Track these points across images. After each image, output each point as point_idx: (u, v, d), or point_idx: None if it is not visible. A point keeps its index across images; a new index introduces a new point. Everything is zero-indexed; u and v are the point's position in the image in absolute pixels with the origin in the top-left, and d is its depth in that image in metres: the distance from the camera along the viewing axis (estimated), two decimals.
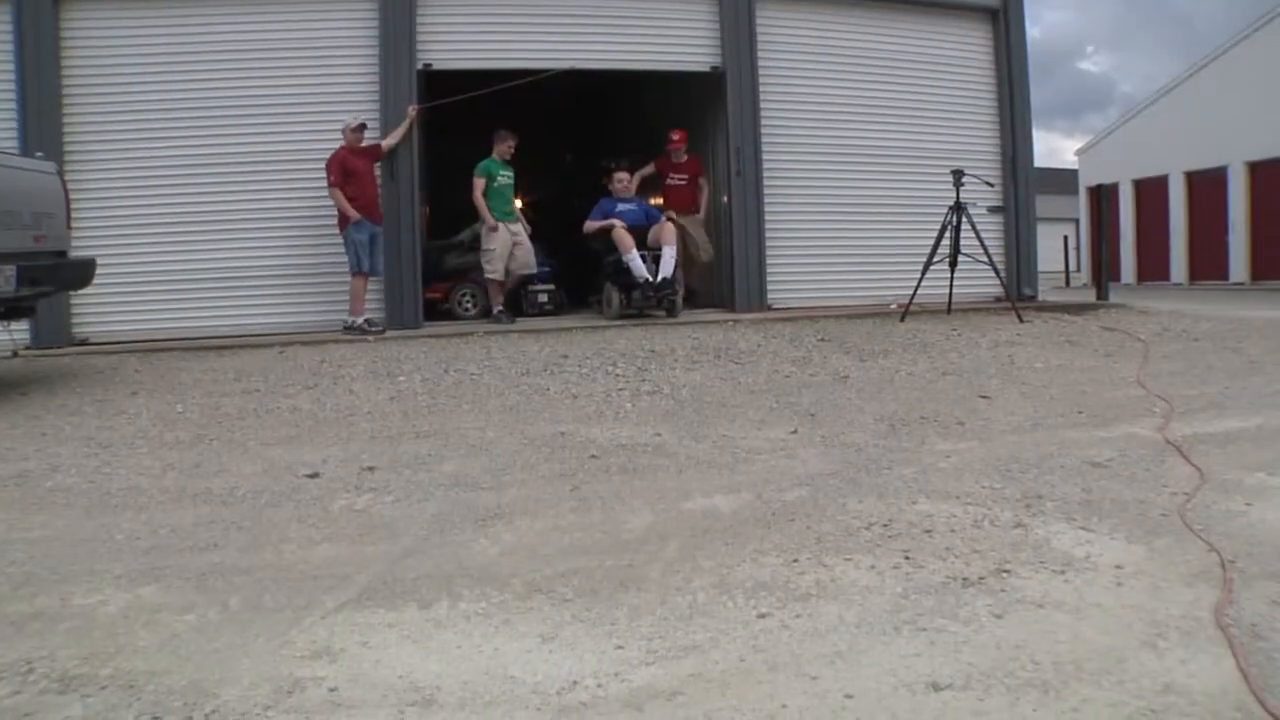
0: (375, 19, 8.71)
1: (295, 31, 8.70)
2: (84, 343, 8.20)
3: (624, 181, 9.49)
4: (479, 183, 8.94)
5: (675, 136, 9.64)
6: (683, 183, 9.74)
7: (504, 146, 9.11)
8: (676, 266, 9.06)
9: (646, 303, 8.88)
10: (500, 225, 9.00)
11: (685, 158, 9.75)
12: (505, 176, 9.13)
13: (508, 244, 9.08)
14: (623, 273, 8.90)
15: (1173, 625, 2.04)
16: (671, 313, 8.93)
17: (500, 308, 9.25)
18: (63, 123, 8.27)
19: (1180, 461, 3.50)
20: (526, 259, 9.28)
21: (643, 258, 8.78)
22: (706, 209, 9.86)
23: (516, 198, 9.48)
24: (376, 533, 2.91)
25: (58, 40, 8.30)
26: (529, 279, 10.55)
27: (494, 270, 9.09)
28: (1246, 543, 2.55)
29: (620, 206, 9.26)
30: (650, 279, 8.71)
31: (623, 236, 8.77)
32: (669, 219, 9.18)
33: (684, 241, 9.41)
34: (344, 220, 8.08)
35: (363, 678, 1.92)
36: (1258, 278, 17.91)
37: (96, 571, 2.60)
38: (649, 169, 9.89)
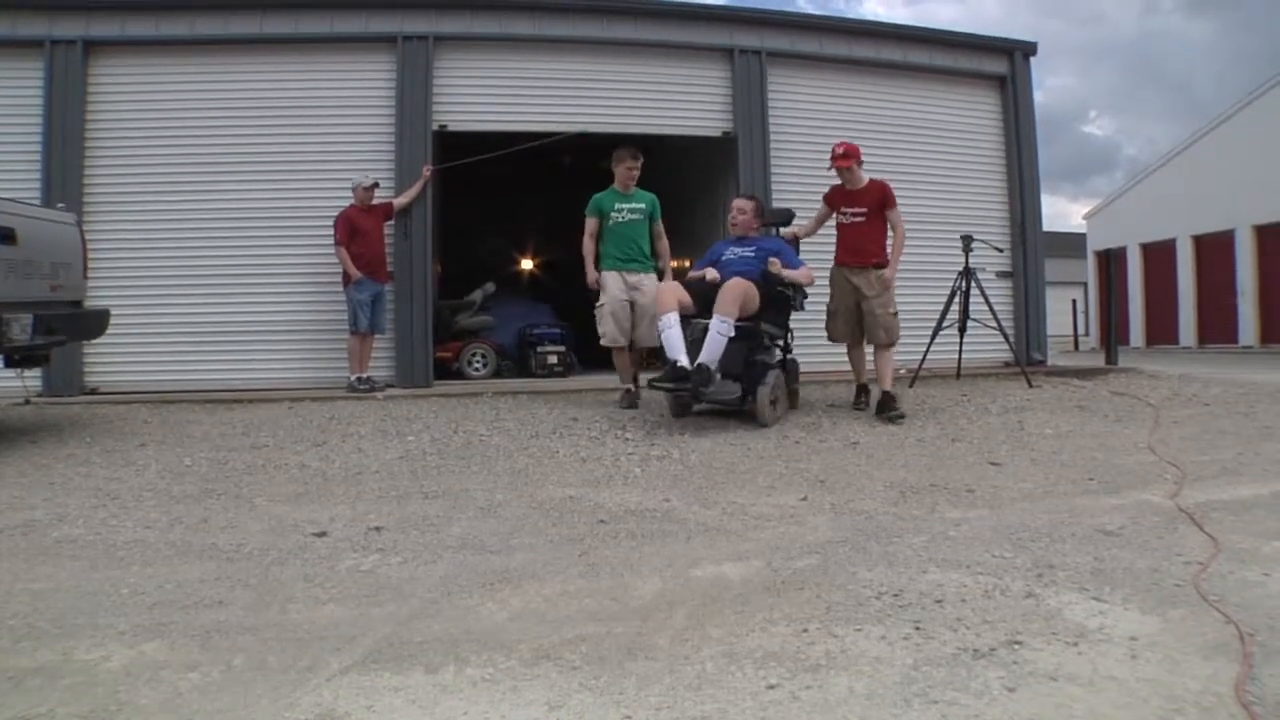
0: (392, 80, 8.92)
1: (314, 90, 8.92)
2: (94, 392, 8.26)
3: (734, 213, 6.60)
4: (589, 223, 6.88)
5: (840, 150, 6.62)
6: (860, 219, 6.61)
7: (623, 170, 6.89)
8: (777, 363, 6.41)
9: (680, 393, 5.89)
10: (611, 276, 6.77)
11: (864, 182, 6.69)
12: (628, 211, 6.83)
13: (622, 301, 6.71)
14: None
15: (1191, 700, 1.99)
16: (763, 422, 5.89)
17: (630, 386, 6.89)
18: (84, 175, 8.47)
19: (1193, 529, 3.45)
20: (652, 325, 6.25)
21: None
22: (896, 261, 6.66)
23: (661, 239, 7.05)
24: (383, 594, 2.88)
25: (85, 93, 8.53)
26: (538, 339, 10.52)
27: (603, 333, 6.78)
28: (1266, 615, 2.50)
29: (729, 251, 6.43)
30: (681, 360, 5.62)
31: (664, 293, 5.96)
32: (772, 272, 6.13)
33: (858, 311, 6.61)
34: (347, 278, 8.15)
35: None
36: (1267, 341, 17.93)
37: (100, 626, 2.58)
38: (822, 209, 6.96)
